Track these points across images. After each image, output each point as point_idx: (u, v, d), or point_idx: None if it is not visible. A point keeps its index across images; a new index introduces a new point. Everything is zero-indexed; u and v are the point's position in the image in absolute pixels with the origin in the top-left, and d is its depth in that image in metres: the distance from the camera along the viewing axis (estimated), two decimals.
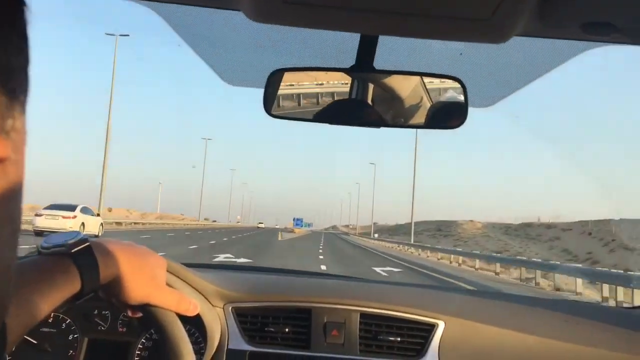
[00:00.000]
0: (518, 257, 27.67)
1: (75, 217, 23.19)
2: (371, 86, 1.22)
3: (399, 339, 1.38)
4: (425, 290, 1.91)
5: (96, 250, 0.82)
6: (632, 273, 15.67)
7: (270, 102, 1.22)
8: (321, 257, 22.68)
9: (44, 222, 22.35)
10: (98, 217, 26.92)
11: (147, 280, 0.88)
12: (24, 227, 0.41)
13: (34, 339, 1.36)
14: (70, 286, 0.78)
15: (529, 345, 1.41)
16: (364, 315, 1.40)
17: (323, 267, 16.85)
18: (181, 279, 1.29)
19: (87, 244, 0.82)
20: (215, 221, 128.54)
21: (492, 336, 1.42)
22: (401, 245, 48.50)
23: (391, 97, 1.22)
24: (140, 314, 0.94)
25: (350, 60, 1.15)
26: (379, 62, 1.14)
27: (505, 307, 1.67)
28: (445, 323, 1.41)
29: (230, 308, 1.39)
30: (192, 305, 0.94)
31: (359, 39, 1.10)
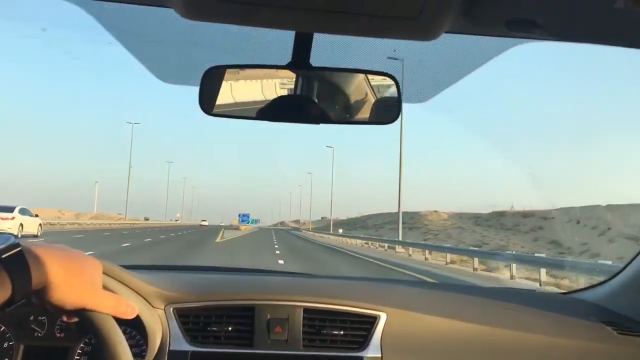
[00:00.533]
0: (517, 253, 22.87)
1: (13, 218, 23.70)
2: (308, 83, 1.23)
3: (342, 332, 1.40)
4: (368, 283, 1.94)
5: (28, 255, 0.79)
6: None
7: (206, 101, 1.20)
8: (281, 261, 18.61)
9: None
10: (37, 218, 27.09)
11: (82, 285, 0.86)
12: None
13: None
14: (1, 293, 0.75)
15: (469, 333, 1.46)
16: (307, 310, 1.41)
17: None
18: (119, 281, 1.26)
19: (19, 249, 0.79)
20: (147, 219, 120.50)
21: (433, 325, 1.46)
22: (370, 243, 41.03)
23: (328, 94, 1.24)
24: (76, 319, 0.91)
25: (286, 58, 1.16)
26: (315, 59, 1.15)
27: (446, 297, 1.72)
28: (387, 315, 1.44)
29: (171, 309, 1.37)
30: (130, 308, 0.93)
31: (294, 37, 1.11)
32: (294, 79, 1.22)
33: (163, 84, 1.36)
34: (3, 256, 0.77)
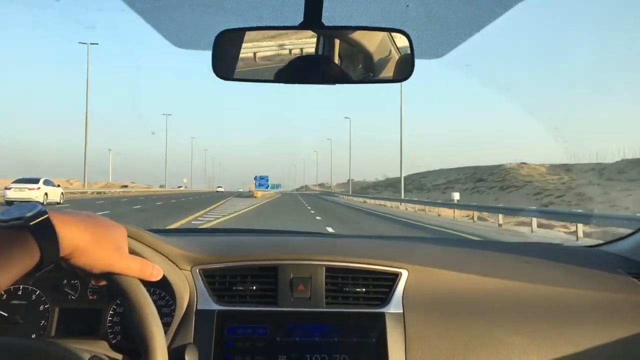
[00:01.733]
0: None
1: (39, 188, 27.30)
2: (320, 43, 1.21)
3: (364, 289, 1.42)
4: (390, 241, 1.95)
5: (55, 221, 0.81)
6: None
7: (219, 65, 1.20)
8: None
9: (13, 194, 26.60)
10: (58, 188, 30.80)
11: (108, 250, 0.88)
12: None
13: (4, 312, 1.36)
14: (29, 259, 0.78)
15: (491, 288, 1.46)
16: (329, 269, 1.43)
17: None
18: (146, 245, 1.30)
19: (46, 216, 0.81)
20: (163, 186, 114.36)
21: (455, 281, 1.46)
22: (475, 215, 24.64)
23: (340, 53, 1.22)
24: (104, 282, 0.94)
25: (299, 18, 1.15)
26: (326, 18, 1.14)
27: (467, 253, 1.72)
28: (408, 271, 1.45)
29: (197, 270, 1.41)
30: (156, 270, 0.96)
31: None
32: (306, 39, 1.21)
33: (177, 49, 1.36)
34: (31, 223, 0.79)
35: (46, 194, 27.75)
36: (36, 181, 27.77)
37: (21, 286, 1.40)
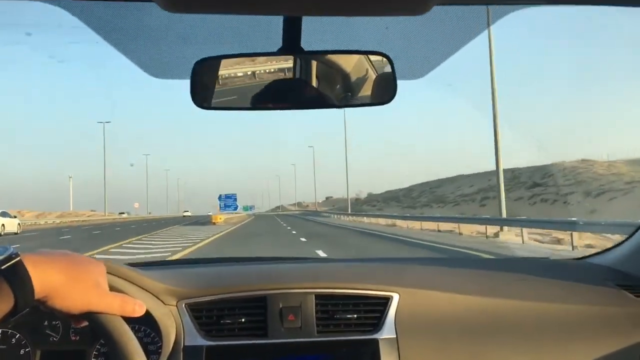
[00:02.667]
0: None
1: None
2: (300, 68, 1.20)
3: (355, 315, 1.39)
4: (379, 264, 1.93)
5: (27, 263, 0.79)
6: None
7: (197, 94, 1.19)
8: None
9: None
10: (15, 219, 32.34)
11: (86, 289, 0.86)
12: None
13: None
14: (3, 304, 0.76)
15: (483, 308, 1.45)
16: (318, 296, 1.41)
17: None
18: (127, 280, 1.26)
19: (18, 259, 0.78)
20: (122, 213, 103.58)
21: (447, 302, 1.45)
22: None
23: (321, 78, 1.21)
24: (85, 323, 0.91)
25: (277, 44, 1.14)
26: (306, 43, 1.13)
27: (459, 273, 1.71)
28: (399, 295, 1.43)
29: (183, 305, 1.37)
30: (138, 306, 0.93)
31: (282, 22, 1.09)
32: (286, 65, 1.20)
33: (152, 78, 1.34)
34: (3, 267, 0.76)
35: (3, 225, 28.99)
36: None
37: (0, 330, 1.35)
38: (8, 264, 0.77)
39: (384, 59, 1.20)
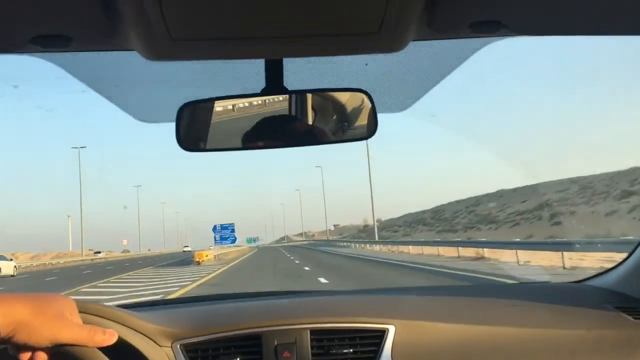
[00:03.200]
0: None
1: None
2: (284, 107, 1.23)
3: (351, 350, 1.38)
4: (374, 296, 1.92)
5: None
6: None
7: (183, 137, 1.20)
8: None
9: None
10: (12, 261, 34.43)
11: (52, 320, 0.86)
12: None
13: None
14: None
15: (480, 336, 1.44)
16: (314, 331, 1.40)
17: None
18: (121, 324, 1.26)
19: None
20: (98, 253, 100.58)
21: (444, 332, 1.44)
22: None
23: (305, 116, 1.23)
24: (58, 358, 0.91)
25: (260, 84, 1.16)
26: (289, 82, 1.16)
27: (453, 301, 1.70)
28: (395, 327, 1.42)
29: (178, 346, 1.36)
30: (107, 334, 0.92)
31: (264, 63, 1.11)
32: (270, 105, 1.22)
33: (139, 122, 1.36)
34: None
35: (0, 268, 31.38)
36: None
37: None
38: None
39: (364, 95, 1.23)
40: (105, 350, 0.95)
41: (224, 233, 47.79)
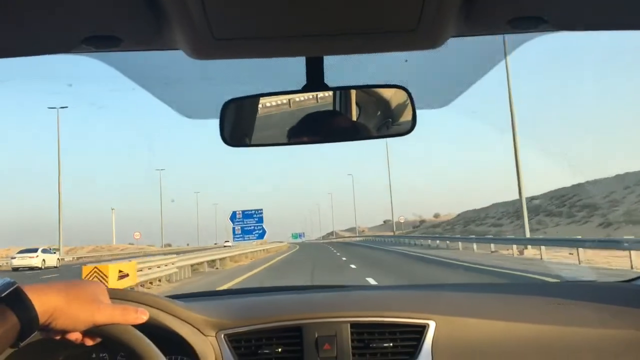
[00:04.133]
0: None
1: (37, 256, 34.28)
2: (325, 103, 1.25)
3: (391, 344, 1.39)
4: (414, 292, 1.92)
5: (26, 290, 0.84)
6: None
7: (227, 133, 1.24)
8: None
9: (18, 262, 34.00)
10: (55, 254, 38.00)
11: (85, 304, 0.90)
12: (2, 268, 0.40)
13: None
14: (8, 329, 0.80)
15: (522, 334, 1.42)
16: (354, 325, 1.42)
17: None
18: (171, 314, 1.31)
19: (15, 286, 0.83)
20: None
21: (484, 329, 1.43)
22: None
23: (345, 112, 1.26)
24: (98, 339, 0.95)
25: (301, 81, 1.18)
26: (329, 79, 1.18)
27: (495, 298, 1.68)
28: (435, 323, 1.42)
29: (222, 335, 1.41)
30: (140, 312, 0.96)
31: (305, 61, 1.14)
32: (311, 101, 1.25)
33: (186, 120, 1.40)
34: (3, 294, 0.81)
35: (44, 260, 34.60)
36: (35, 251, 35.10)
37: None
38: (7, 292, 0.82)
39: (403, 92, 1.24)
40: (151, 338, 0.99)
41: (248, 224, 32.72)
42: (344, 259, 25.49)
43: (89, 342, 0.96)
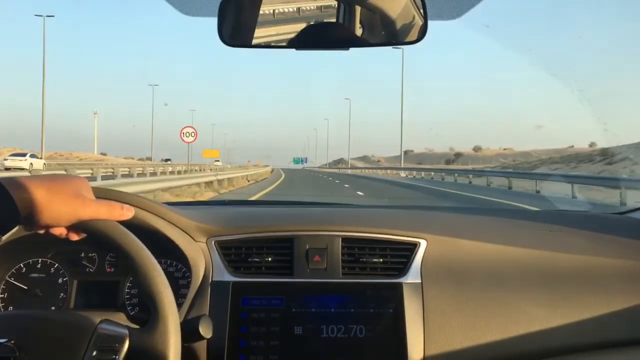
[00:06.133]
0: None
1: (25, 159, 39.05)
2: (332, 7, 1.18)
3: (381, 259, 1.40)
4: (408, 211, 1.92)
5: (7, 184, 0.83)
6: None
7: (225, 31, 1.17)
8: None
9: (10, 163, 38.49)
10: (41, 160, 43.35)
11: (69, 198, 0.88)
12: None
13: (24, 285, 1.39)
14: None
15: (511, 257, 1.43)
16: (345, 239, 1.42)
17: None
18: (162, 217, 1.31)
19: None
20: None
21: (475, 251, 1.44)
22: None
23: (351, 17, 1.19)
24: (83, 235, 0.95)
25: None
26: None
27: (488, 221, 1.69)
28: (427, 241, 1.43)
29: (213, 242, 1.41)
30: (125, 209, 0.95)
31: None
32: (318, 3, 1.17)
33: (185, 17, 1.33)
34: None
35: (31, 163, 38.77)
36: (24, 155, 40.59)
37: (40, 259, 1.42)
38: None
39: None
40: (141, 240, 0.98)
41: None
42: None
43: (74, 237, 0.95)
